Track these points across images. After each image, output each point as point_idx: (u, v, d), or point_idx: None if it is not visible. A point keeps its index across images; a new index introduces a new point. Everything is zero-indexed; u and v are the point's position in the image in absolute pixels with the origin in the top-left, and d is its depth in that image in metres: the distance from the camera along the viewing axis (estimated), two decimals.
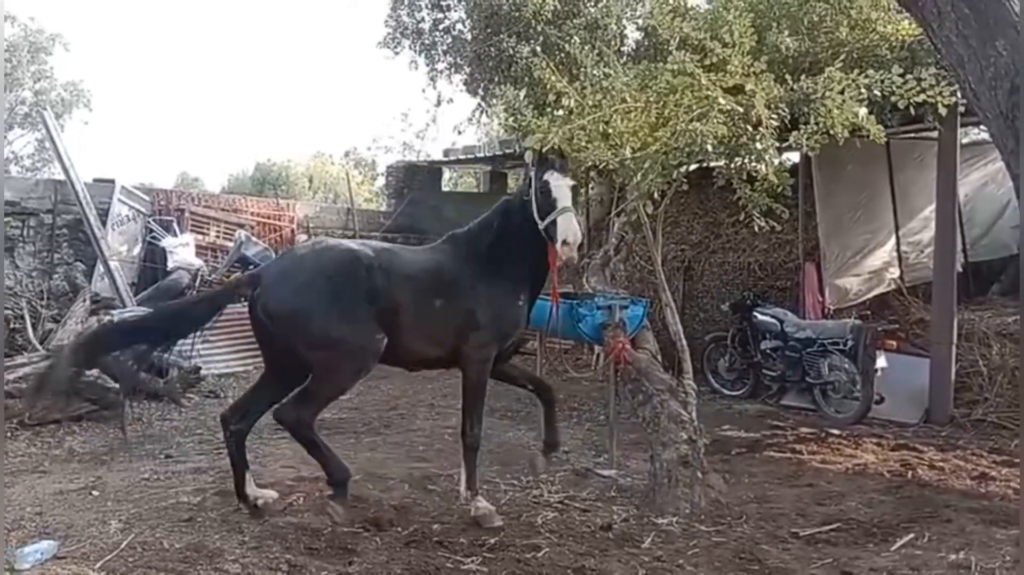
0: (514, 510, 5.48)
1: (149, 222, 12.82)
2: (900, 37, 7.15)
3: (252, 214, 14.69)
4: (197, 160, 62.15)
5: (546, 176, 5.15)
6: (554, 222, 5.02)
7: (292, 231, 15.08)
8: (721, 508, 5.45)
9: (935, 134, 9.07)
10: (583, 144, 5.76)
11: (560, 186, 5.11)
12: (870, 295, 10.08)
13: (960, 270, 9.66)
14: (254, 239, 13.43)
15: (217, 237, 13.81)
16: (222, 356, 11.34)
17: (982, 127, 11.70)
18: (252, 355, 11.68)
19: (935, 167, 8.95)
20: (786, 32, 7.51)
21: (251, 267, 12.85)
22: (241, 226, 13.91)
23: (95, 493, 5.61)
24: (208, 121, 54.61)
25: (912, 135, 10.19)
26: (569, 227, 4.95)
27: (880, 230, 10.40)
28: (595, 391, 9.52)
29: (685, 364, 6.42)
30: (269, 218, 14.88)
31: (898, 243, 10.48)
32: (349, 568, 4.42)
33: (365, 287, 4.98)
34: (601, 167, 5.75)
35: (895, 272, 10.36)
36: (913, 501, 5.60)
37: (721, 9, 7.47)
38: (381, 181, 25.22)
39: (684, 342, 6.65)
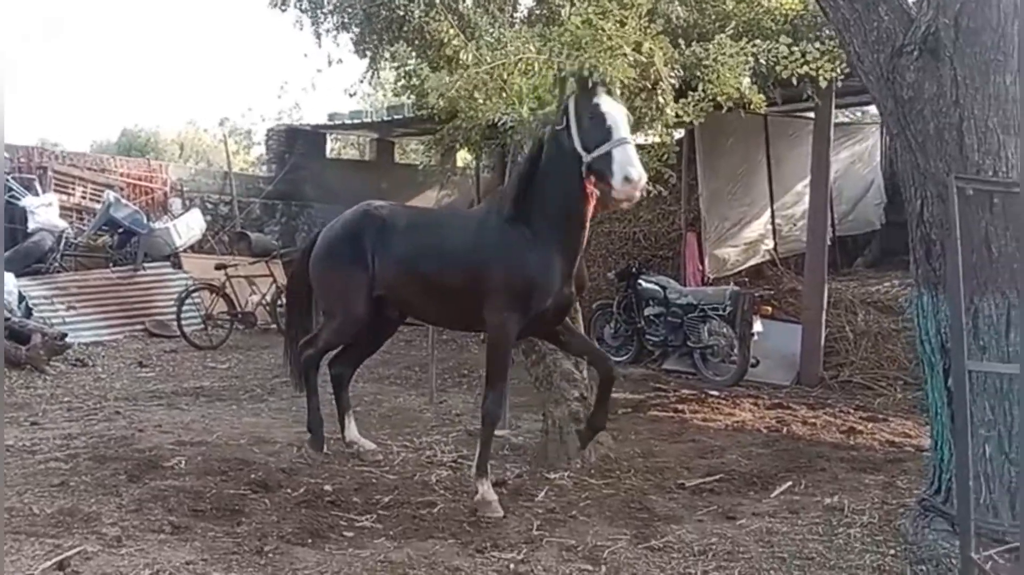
0: (408, 470, 5.43)
1: (8, 180, 11.91)
2: (784, 11, 7.43)
3: (122, 175, 13.89)
4: (56, 125, 58.04)
5: (596, 99, 4.30)
6: (608, 155, 4.13)
7: (165, 194, 14.37)
8: (610, 463, 5.58)
9: (810, 114, 9.52)
10: (480, 101, 5.70)
11: (615, 112, 4.27)
12: (747, 265, 10.52)
13: (829, 243, 10.20)
14: (124, 201, 12.69)
15: (83, 198, 13.01)
16: (89, 324, 10.73)
17: (849, 110, 12.42)
18: (121, 323, 11.14)
19: (807, 144, 9.38)
20: (676, 2, 7.64)
21: (120, 230, 12.20)
22: (110, 187, 13.14)
23: None
24: (69, 84, 51.07)
25: (789, 112, 10.64)
26: (631, 160, 4.08)
27: (756, 203, 10.84)
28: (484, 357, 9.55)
29: (576, 325, 6.51)
30: (140, 180, 14.12)
31: (772, 216, 10.96)
32: (237, 528, 4.27)
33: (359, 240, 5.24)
34: (500, 125, 5.69)
35: (770, 244, 10.85)
36: (789, 453, 5.90)
37: None
38: (257, 151, 24.37)
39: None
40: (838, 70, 5.88)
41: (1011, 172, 3.71)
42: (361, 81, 10.79)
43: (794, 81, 5.80)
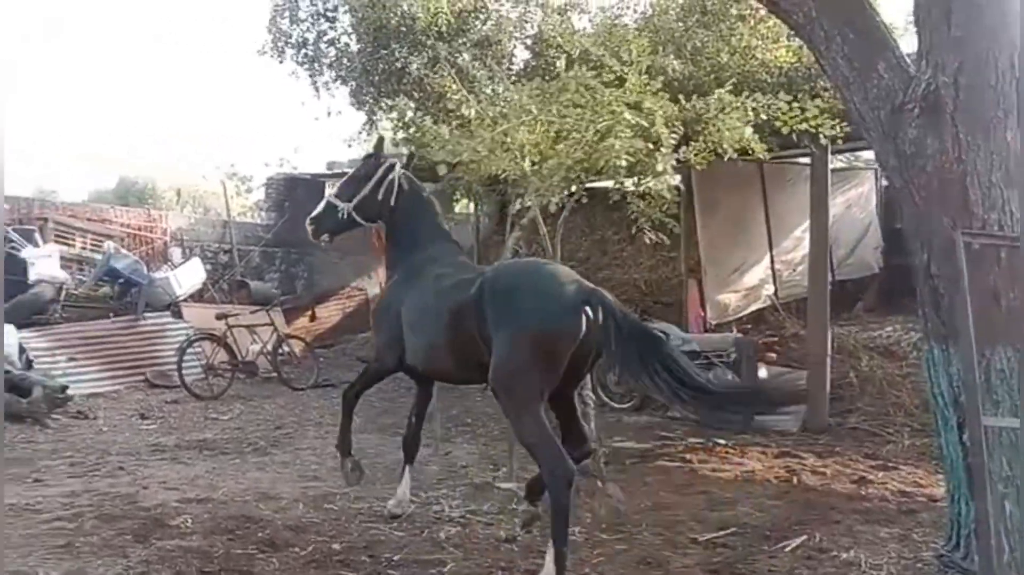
0: (416, 526, 5.36)
1: (8, 231, 11.93)
2: (778, 64, 7.55)
3: (121, 225, 13.95)
4: (53, 174, 58.07)
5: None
6: None
7: (164, 243, 14.41)
8: (621, 517, 5.51)
9: (805, 160, 9.61)
10: (483, 155, 5.76)
11: None
12: (748, 310, 10.55)
13: (829, 288, 10.24)
14: (124, 251, 12.72)
15: (84, 248, 13.02)
16: (90, 375, 10.67)
17: (843, 156, 12.55)
18: (122, 374, 11.08)
19: (804, 190, 9.46)
20: (672, 56, 7.78)
21: (120, 280, 12.20)
22: (110, 237, 13.17)
23: None
24: (66, 133, 51.36)
25: (784, 159, 10.75)
26: None
27: (756, 249, 10.91)
28: (488, 406, 9.49)
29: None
30: (140, 229, 14.17)
31: (772, 261, 11.02)
32: None
33: None
34: (502, 177, 5.74)
35: (770, 289, 10.89)
36: (800, 505, 5.83)
37: (609, 30, 7.68)
38: (256, 195, 24.45)
39: None
40: (838, 128, 5.90)
41: (1015, 226, 3.75)
42: (360, 132, 10.96)
43: (794, 138, 5.85)
